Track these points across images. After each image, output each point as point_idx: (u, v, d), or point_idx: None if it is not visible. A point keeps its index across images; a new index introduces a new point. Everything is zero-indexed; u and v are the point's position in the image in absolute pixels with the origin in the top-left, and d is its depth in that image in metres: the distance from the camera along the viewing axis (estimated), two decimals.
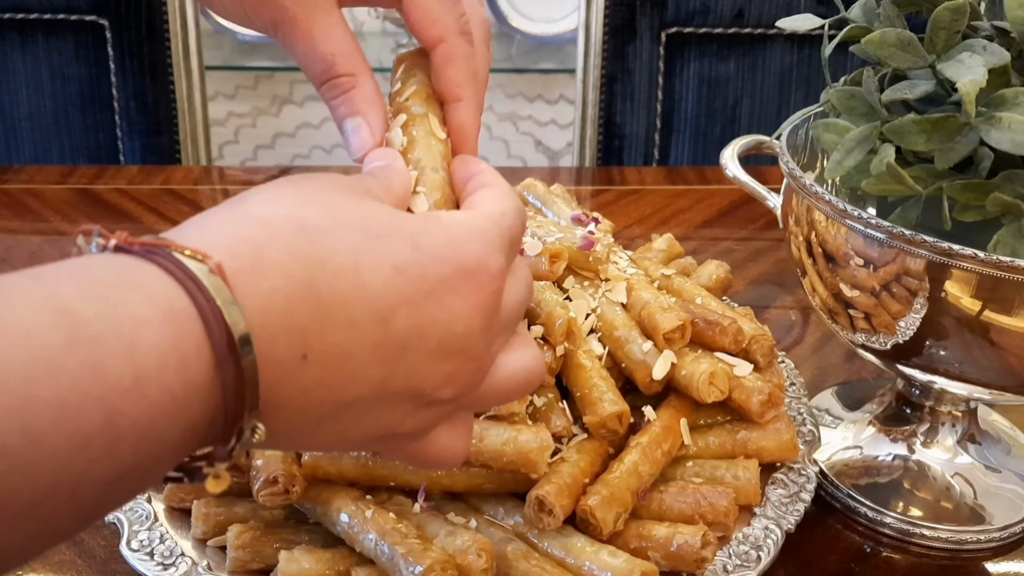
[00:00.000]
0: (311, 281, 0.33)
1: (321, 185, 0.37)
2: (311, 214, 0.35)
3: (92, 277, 0.30)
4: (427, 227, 0.37)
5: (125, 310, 0.29)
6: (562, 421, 0.60)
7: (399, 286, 0.35)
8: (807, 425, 0.68)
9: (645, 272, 0.71)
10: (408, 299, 0.35)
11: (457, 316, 0.36)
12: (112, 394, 0.28)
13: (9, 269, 0.30)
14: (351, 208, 0.36)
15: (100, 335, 0.28)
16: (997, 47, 0.55)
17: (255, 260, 0.32)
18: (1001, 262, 0.53)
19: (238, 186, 1.19)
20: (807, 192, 0.61)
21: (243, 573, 0.57)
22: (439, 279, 0.36)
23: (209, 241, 0.32)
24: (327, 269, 0.34)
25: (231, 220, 0.34)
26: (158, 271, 0.31)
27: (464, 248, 0.37)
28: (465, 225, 0.38)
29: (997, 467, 0.69)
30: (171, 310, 0.30)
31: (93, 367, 0.28)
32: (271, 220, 0.34)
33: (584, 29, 1.33)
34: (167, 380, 0.29)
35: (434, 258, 0.36)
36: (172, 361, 0.30)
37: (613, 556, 0.55)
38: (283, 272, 0.33)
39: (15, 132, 1.33)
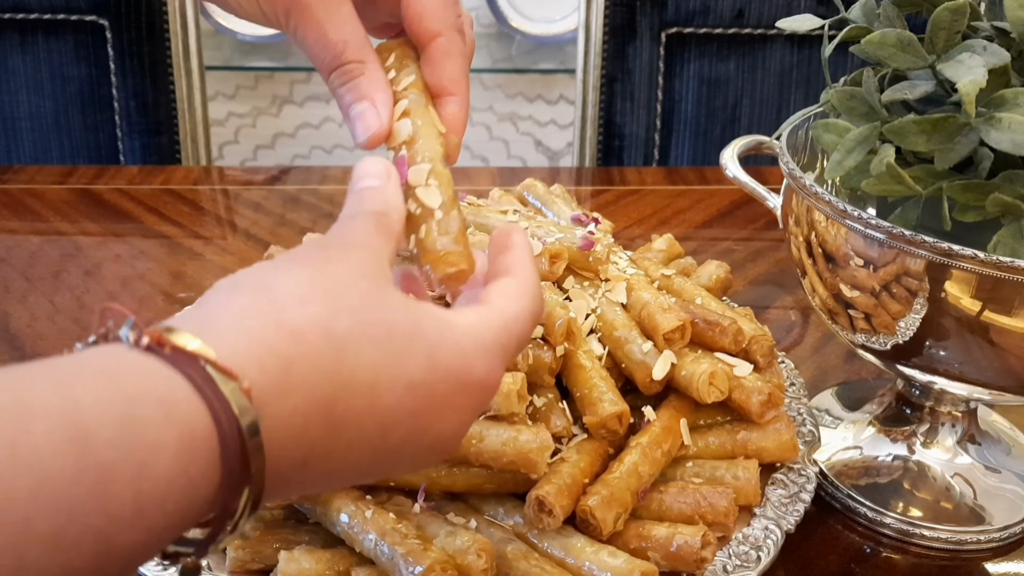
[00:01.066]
0: (331, 399, 0.34)
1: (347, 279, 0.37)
2: (341, 324, 0.35)
3: (116, 388, 0.29)
4: (443, 341, 0.38)
5: (142, 434, 0.29)
6: (562, 421, 0.60)
7: (407, 403, 0.36)
8: (807, 425, 0.68)
9: (645, 272, 0.71)
10: (412, 414, 0.37)
11: (451, 425, 0.39)
12: (111, 526, 0.28)
13: (9, 269, 0.29)
14: (376, 314, 0.36)
15: (110, 464, 0.28)
16: (997, 47, 0.55)
17: (284, 378, 0.33)
18: (1001, 262, 0.53)
19: (238, 186, 1.19)
20: (807, 192, 0.61)
21: (243, 573, 0.57)
22: (444, 396, 0.38)
23: (242, 350, 0.32)
24: (349, 388, 0.35)
25: (266, 325, 0.34)
26: (186, 386, 0.30)
27: (472, 366, 0.38)
28: (477, 340, 0.39)
29: (997, 467, 0.69)
30: (190, 433, 0.30)
31: (98, 498, 0.27)
32: (303, 330, 0.34)
33: (584, 29, 1.33)
34: (169, 507, 0.29)
35: (444, 377, 0.37)
36: (179, 486, 0.29)
37: (613, 556, 0.55)
38: (307, 391, 0.33)
39: (15, 132, 1.33)
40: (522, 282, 0.43)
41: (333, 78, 0.46)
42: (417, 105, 0.46)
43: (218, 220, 1.10)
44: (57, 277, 0.95)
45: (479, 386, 0.39)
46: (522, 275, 0.43)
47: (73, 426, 0.27)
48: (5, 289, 0.93)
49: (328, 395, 0.34)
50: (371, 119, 0.46)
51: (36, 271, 0.96)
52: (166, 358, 0.31)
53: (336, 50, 0.45)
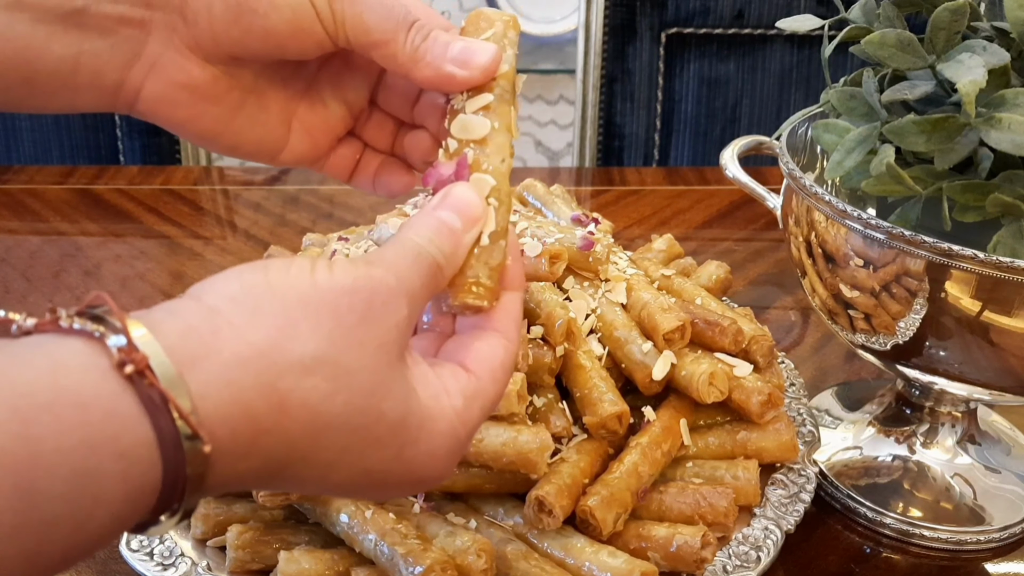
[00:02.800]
0: (284, 468, 0.34)
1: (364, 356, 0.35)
2: (332, 409, 0.34)
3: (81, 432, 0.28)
4: (419, 442, 0.37)
5: (92, 489, 0.28)
6: (562, 421, 0.60)
7: (357, 482, 0.37)
8: (807, 426, 0.68)
9: (645, 272, 0.71)
10: (359, 488, 0.38)
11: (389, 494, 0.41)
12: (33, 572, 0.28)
13: (9, 269, 0.29)
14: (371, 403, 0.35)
15: (51, 521, 0.28)
16: (997, 48, 0.55)
17: (249, 444, 0.32)
18: (1001, 263, 0.53)
19: (238, 186, 1.19)
20: (807, 192, 0.61)
21: (243, 573, 0.57)
22: (397, 483, 0.38)
23: (224, 407, 0.31)
24: (306, 462, 0.35)
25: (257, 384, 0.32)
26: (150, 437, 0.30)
27: (436, 465, 0.38)
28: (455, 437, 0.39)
29: (997, 468, 0.69)
30: (139, 489, 0.30)
31: (28, 557, 0.28)
32: (291, 407, 0.33)
33: (584, 29, 1.33)
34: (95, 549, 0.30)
35: (406, 471, 0.37)
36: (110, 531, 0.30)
37: (613, 556, 0.55)
38: (265, 458, 0.33)
39: (15, 132, 1.33)
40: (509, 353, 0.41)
41: (412, 35, 0.42)
42: (501, 102, 0.41)
43: (218, 220, 1.10)
44: (57, 277, 0.95)
45: (432, 478, 0.39)
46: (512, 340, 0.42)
47: (25, 478, 0.27)
48: (5, 289, 0.92)
49: (283, 465, 0.34)
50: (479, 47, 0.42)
51: (36, 271, 0.96)
52: (143, 396, 0.30)
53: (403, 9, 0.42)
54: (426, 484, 0.40)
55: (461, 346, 0.41)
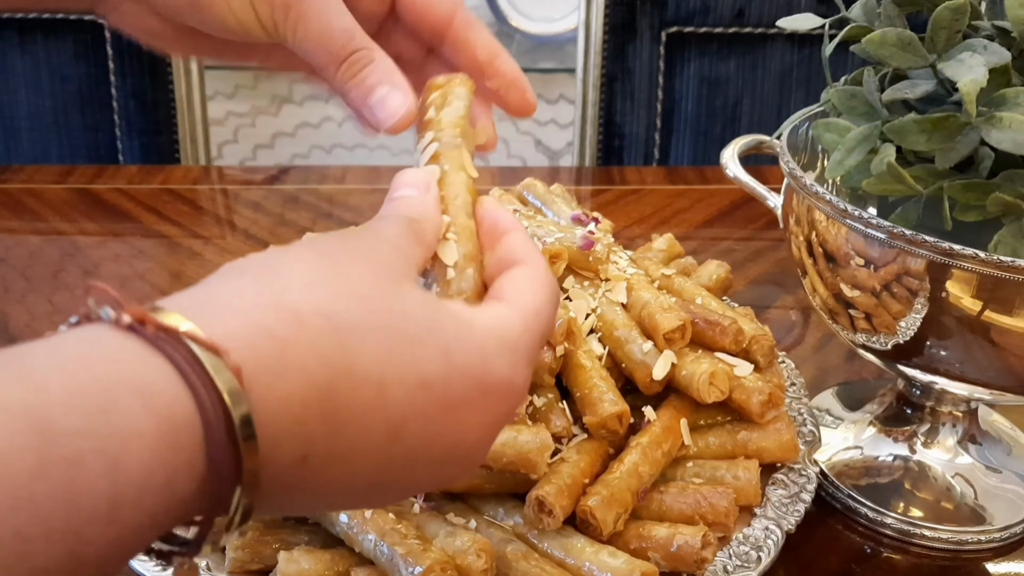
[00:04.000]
0: (331, 388, 0.31)
1: (363, 268, 0.34)
2: (347, 310, 0.32)
3: (89, 375, 0.27)
4: (462, 335, 0.35)
5: (117, 423, 0.26)
6: (562, 421, 0.60)
7: (419, 400, 0.33)
8: (807, 425, 0.68)
9: (645, 272, 0.71)
10: (424, 413, 0.33)
11: (470, 430, 0.35)
12: (82, 522, 0.26)
13: (8, 269, 0.29)
14: (390, 303, 0.34)
15: (79, 456, 0.25)
16: (998, 47, 0.55)
17: (278, 360, 0.30)
18: (1002, 262, 0.53)
19: (237, 186, 1.19)
20: (808, 192, 0.61)
21: (242, 573, 0.57)
22: (462, 396, 0.34)
23: (233, 329, 0.30)
24: (352, 377, 0.32)
25: (260, 305, 0.31)
26: (167, 367, 0.28)
27: (493, 365, 0.35)
28: (499, 337, 0.36)
29: (998, 467, 0.69)
30: (170, 420, 0.27)
31: (64, 493, 0.25)
32: (303, 314, 0.31)
33: (584, 28, 1.33)
34: (147, 502, 0.27)
35: (462, 374, 0.34)
36: (158, 479, 0.27)
37: (613, 557, 0.55)
38: (305, 376, 0.30)
39: (14, 132, 1.32)
40: (534, 269, 0.40)
41: (343, 70, 0.44)
42: (448, 148, 0.43)
43: (217, 220, 1.10)
44: (56, 277, 0.95)
45: (502, 388, 0.36)
46: (532, 262, 0.40)
47: (37, 418, 0.25)
48: (4, 289, 0.92)
49: (328, 383, 0.31)
50: (395, 100, 0.43)
51: (35, 271, 0.96)
52: (147, 338, 0.28)
53: (343, 39, 0.43)
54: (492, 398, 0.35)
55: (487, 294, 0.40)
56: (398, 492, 0.36)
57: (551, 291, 0.40)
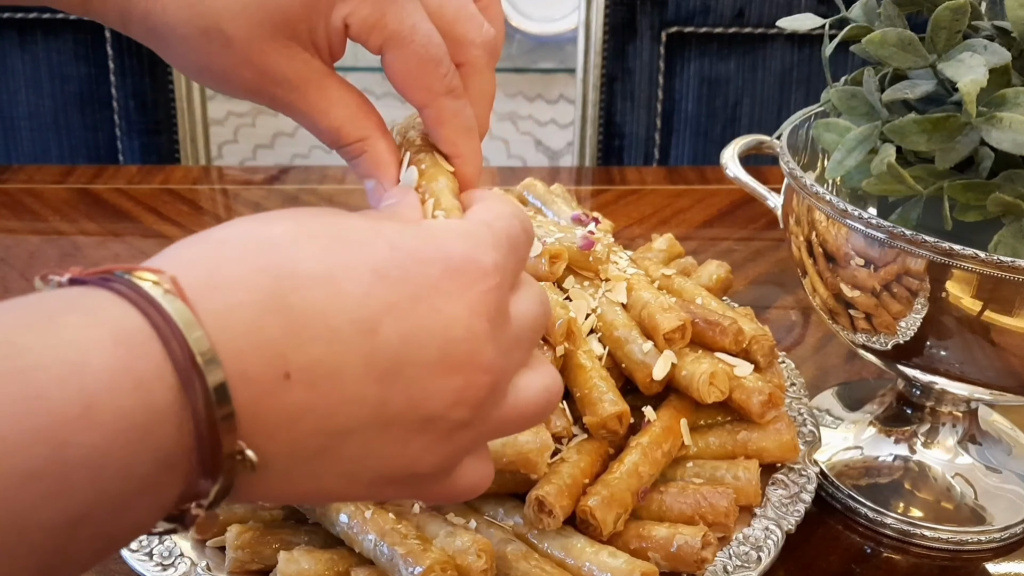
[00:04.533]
0: (278, 291, 0.31)
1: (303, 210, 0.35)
2: (275, 228, 0.33)
3: (36, 307, 0.28)
4: (406, 230, 0.34)
5: (69, 334, 0.27)
6: (562, 421, 0.60)
7: (380, 292, 0.32)
8: (807, 425, 0.68)
9: (645, 272, 0.71)
10: (392, 305, 0.32)
11: (453, 320, 0.33)
12: (58, 424, 0.26)
13: (8, 269, 0.29)
14: (325, 219, 0.34)
15: (40, 363, 0.26)
16: (998, 47, 0.55)
17: (212, 274, 0.30)
18: (1002, 262, 0.53)
19: (237, 186, 1.19)
20: (808, 192, 0.61)
21: (242, 573, 0.57)
22: (426, 282, 0.33)
23: (162, 263, 0.31)
24: (296, 279, 0.31)
25: (188, 244, 0.33)
26: (108, 294, 0.29)
27: (449, 246, 0.34)
28: (450, 227, 0.36)
29: (998, 467, 0.69)
30: (122, 330, 0.28)
31: (34, 397, 0.26)
32: (229, 237, 0.32)
33: (584, 28, 1.33)
34: (122, 404, 0.27)
35: (417, 259, 0.33)
36: (127, 384, 0.27)
37: (613, 557, 0.55)
38: (245, 285, 0.30)
39: (14, 132, 1.32)
40: (495, 198, 0.41)
41: (340, 154, 0.46)
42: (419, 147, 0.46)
43: (217, 220, 1.10)
44: None
45: (469, 266, 0.34)
46: (493, 195, 0.42)
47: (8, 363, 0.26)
48: (4, 289, 0.92)
49: (272, 287, 0.31)
50: (378, 195, 0.46)
51: (35, 271, 0.96)
52: (88, 283, 0.30)
53: (331, 136, 0.45)
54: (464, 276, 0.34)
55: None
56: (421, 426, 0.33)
57: (511, 207, 0.39)
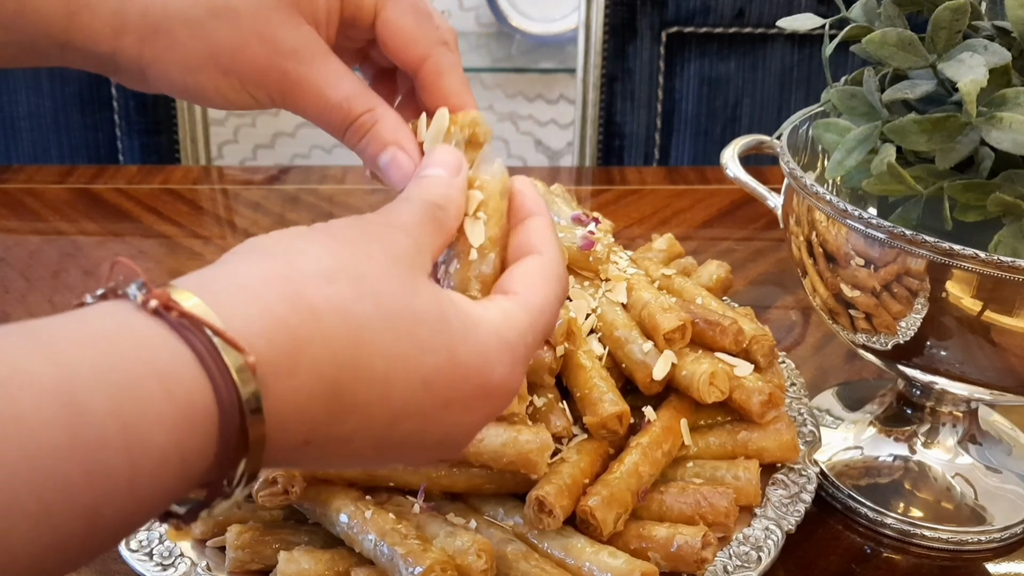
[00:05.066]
0: (340, 382, 0.33)
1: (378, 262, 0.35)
2: (360, 308, 0.34)
3: (115, 357, 0.28)
4: (467, 339, 0.36)
5: (139, 408, 0.28)
6: (562, 421, 0.60)
7: (421, 399, 0.35)
8: (808, 425, 0.68)
9: (645, 272, 0.71)
10: (424, 411, 0.35)
11: (462, 425, 0.37)
12: (102, 500, 0.27)
13: (8, 269, 0.29)
14: (402, 302, 0.35)
15: (105, 437, 0.27)
16: (998, 47, 0.55)
17: (293, 356, 0.32)
18: (1002, 262, 0.53)
19: (237, 186, 1.19)
20: (808, 192, 0.61)
21: (242, 573, 0.57)
22: (461, 397, 0.36)
23: (252, 320, 0.31)
24: (359, 376, 0.33)
25: (281, 298, 0.32)
26: (190, 357, 0.29)
27: (494, 368, 0.37)
28: (502, 338, 0.38)
29: (998, 468, 0.69)
30: (189, 406, 0.29)
31: (88, 473, 0.27)
32: (320, 310, 0.33)
33: (584, 28, 1.33)
34: (161, 481, 0.29)
35: (464, 377, 0.36)
36: (174, 461, 0.29)
37: (613, 557, 0.55)
38: (316, 373, 0.32)
39: (14, 132, 1.32)
40: (547, 261, 0.41)
41: (348, 137, 0.45)
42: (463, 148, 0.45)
43: (217, 220, 1.10)
44: (56, 277, 0.95)
45: (499, 389, 0.38)
46: (547, 252, 0.41)
47: (67, 397, 0.26)
48: (4, 289, 0.92)
49: (337, 378, 0.33)
50: (403, 162, 0.44)
51: (35, 271, 0.96)
52: (171, 324, 0.30)
53: (342, 109, 0.44)
54: (488, 399, 0.37)
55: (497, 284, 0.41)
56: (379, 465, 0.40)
57: (559, 285, 0.41)
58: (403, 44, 0.45)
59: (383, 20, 0.45)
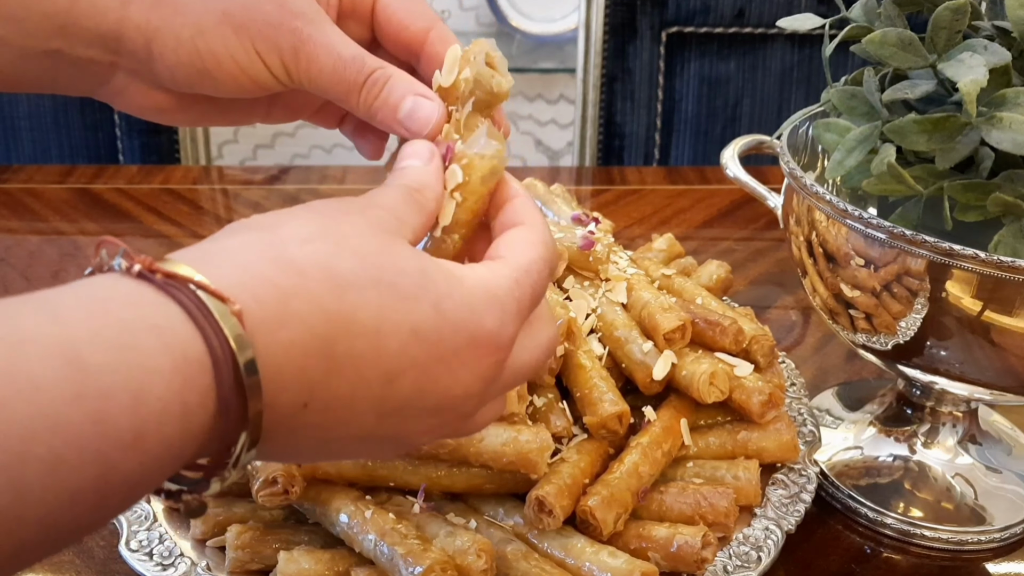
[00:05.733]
0: (331, 337, 0.33)
1: (358, 226, 0.36)
2: (344, 264, 0.34)
3: (109, 316, 0.29)
4: (452, 292, 0.37)
5: (137, 360, 0.29)
6: (562, 421, 0.60)
7: (413, 350, 0.35)
8: (807, 425, 0.68)
9: (645, 272, 0.71)
10: (418, 363, 0.36)
11: (458, 382, 0.37)
12: (111, 449, 0.28)
13: (8, 269, 0.29)
14: (384, 259, 0.36)
15: (108, 388, 0.28)
16: (998, 47, 0.55)
17: (280, 309, 0.32)
18: (1002, 262, 0.53)
19: (237, 186, 1.19)
20: (808, 192, 0.61)
21: (242, 573, 0.57)
22: (452, 348, 0.36)
23: (237, 280, 0.32)
24: (350, 328, 0.34)
25: (264, 259, 0.33)
26: (178, 311, 0.30)
27: (482, 318, 0.37)
28: (488, 292, 0.38)
29: (998, 467, 0.69)
30: (184, 358, 0.30)
31: (96, 422, 0.27)
32: (304, 267, 0.33)
33: (584, 28, 1.33)
34: (167, 432, 0.29)
35: (453, 327, 0.36)
36: (175, 411, 0.29)
37: (613, 557, 0.55)
38: (306, 326, 0.33)
39: (14, 132, 1.32)
40: (530, 229, 0.42)
41: (364, 95, 0.44)
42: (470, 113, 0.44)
43: (217, 220, 1.10)
44: (56, 277, 0.95)
45: (490, 340, 0.37)
46: (530, 221, 0.42)
47: (69, 353, 0.27)
48: (4, 289, 0.92)
49: (327, 333, 0.33)
50: (424, 107, 0.44)
51: (35, 270, 0.96)
52: (157, 284, 0.31)
53: (356, 65, 0.44)
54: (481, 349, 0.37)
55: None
56: (393, 442, 0.39)
57: (545, 248, 0.41)
58: (405, 20, 0.45)
59: (382, 4, 0.46)
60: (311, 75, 0.44)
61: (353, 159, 0.48)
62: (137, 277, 0.31)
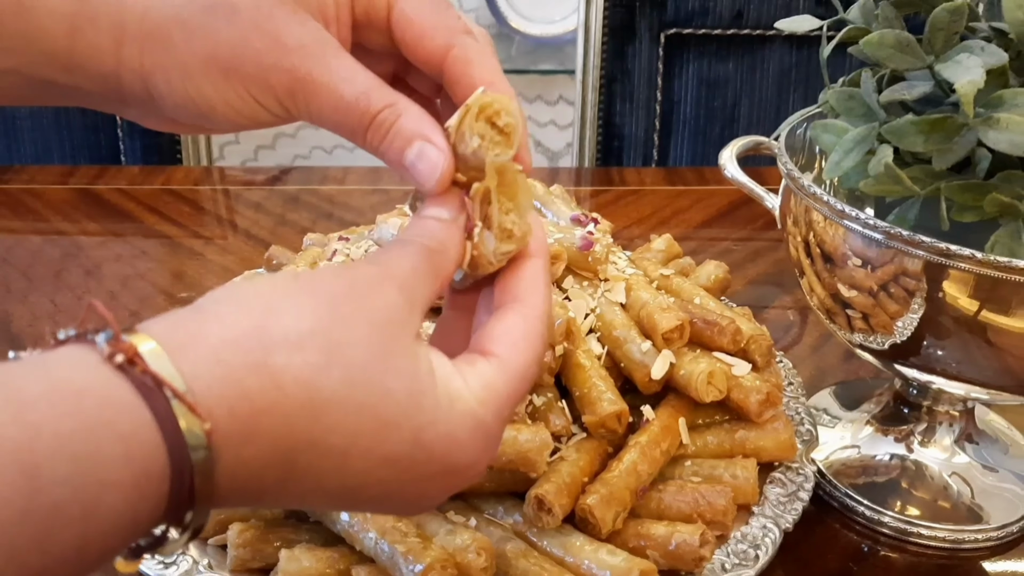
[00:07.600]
0: (294, 455, 0.33)
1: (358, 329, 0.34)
2: (329, 382, 0.33)
3: (76, 418, 0.28)
4: (436, 420, 0.35)
5: (96, 472, 0.28)
6: (561, 420, 0.61)
7: (380, 473, 0.35)
8: (805, 424, 0.69)
9: (644, 272, 0.71)
10: (384, 482, 0.35)
11: (423, 497, 0.37)
12: (51, 566, 0.27)
13: (10, 269, 0.29)
14: (374, 375, 0.34)
15: (59, 504, 0.27)
16: (995, 48, 0.56)
17: (251, 425, 0.32)
18: (999, 262, 0.53)
19: (239, 186, 1.19)
20: (805, 193, 0.61)
21: (244, 572, 0.57)
22: (425, 474, 0.36)
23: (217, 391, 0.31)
24: (316, 448, 0.33)
25: (247, 364, 0.32)
26: (150, 420, 0.29)
27: (463, 448, 0.36)
28: (476, 418, 0.37)
29: (994, 466, 0.69)
30: (145, 473, 0.29)
31: (41, 541, 0.27)
32: (284, 382, 0.32)
33: (583, 30, 1.33)
34: (110, 543, 0.29)
35: (429, 456, 0.35)
36: (125, 523, 0.29)
37: (612, 555, 0.55)
38: (271, 443, 0.32)
39: (16, 132, 1.33)
40: (530, 319, 0.40)
41: (370, 137, 0.41)
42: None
43: (218, 220, 1.10)
44: (58, 277, 0.95)
45: (468, 468, 0.37)
46: (532, 304, 0.40)
47: (27, 462, 0.27)
48: (6, 289, 0.93)
49: (292, 449, 0.33)
50: (433, 155, 0.40)
51: (37, 271, 0.96)
52: (134, 381, 0.30)
53: (360, 104, 0.40)
54: (456, 476, 0.37)
55: (481, 333, 0.39)
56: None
57: (541, 344, 0.40)
58: (421, 34, 0.42)
59: (398, 12, 0.42)
60: (311, 114, 0.41)
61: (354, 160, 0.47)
62: (116, 368, 0.30)
